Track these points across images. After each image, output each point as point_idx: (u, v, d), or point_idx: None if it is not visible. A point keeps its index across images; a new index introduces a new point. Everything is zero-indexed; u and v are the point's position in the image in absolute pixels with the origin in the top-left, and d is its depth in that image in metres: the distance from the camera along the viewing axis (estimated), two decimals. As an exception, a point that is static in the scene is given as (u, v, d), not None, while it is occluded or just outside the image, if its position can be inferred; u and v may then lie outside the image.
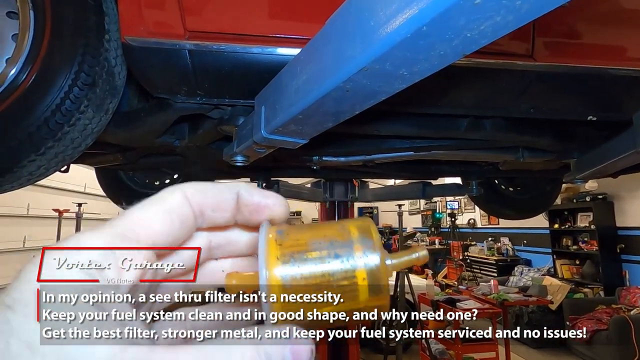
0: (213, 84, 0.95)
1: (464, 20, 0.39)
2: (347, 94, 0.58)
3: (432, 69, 0.50)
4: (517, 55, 1.01)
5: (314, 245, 0.24)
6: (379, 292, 0.24)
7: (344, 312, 0.24)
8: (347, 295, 0.24)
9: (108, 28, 0.89)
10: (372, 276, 0.24)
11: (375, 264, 0.24)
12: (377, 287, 0.24)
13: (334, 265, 0.24)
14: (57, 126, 0.84)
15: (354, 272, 0.24)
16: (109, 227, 0.23)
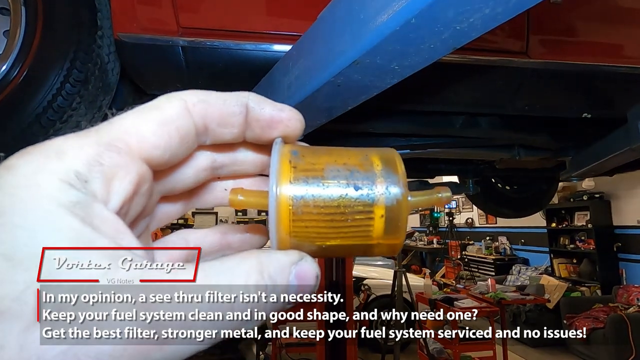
0: (207, 80, 0.95)
1: (452, 13, 0.39)
2: (338, 88, 0.58)
3: (423, 62, 0.50)
4: (512, 53, 1.01)
5: (331, 173, 0.22)
6: (396, 231, 0.23)
7: (355, 246, 0.23)
8: (362, 230, 0.22)
9: (101, 24, 0.88)
10: (391, 213, 0.22)
11: (396, 200, 0.22)
12: (394, 226, 0.23)
13: (352, 196, 0.22)
14: (49, 123, 0.83)
15: (372, 207, 0.22)
16: (94, 134, 0.19)
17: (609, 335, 3.65)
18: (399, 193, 0.22)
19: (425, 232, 8.86)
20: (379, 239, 0.23)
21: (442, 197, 0.25)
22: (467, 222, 7.83)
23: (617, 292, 4.23)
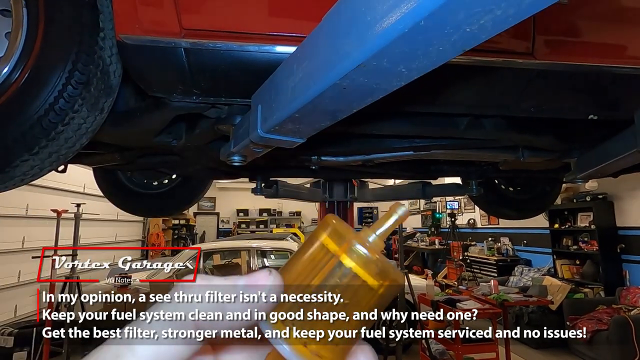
0: (209, 82, 0.94)
1: (463, 14, 0.38)
2: (344, 91, 0.57)
3: (431, 65, 0.49)
4: (517, 53, 0.99)
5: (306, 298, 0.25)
6: (380, 271, 0.24)
7: (367, 309, 0.25)
8: (355, 294, 0.24)
9: (103, 26, 0.88)
10: (361, 264, 0.24)
11: (357, 255, 0.25)
12: (373, 268, 0.24)
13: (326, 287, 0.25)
14: (51, 125, 0.82)
15: (347, 276, 0.24)
16: None
17: (612, 337, 3.63)
18: (353, 248, 0.24)
19: (427, 233, 8.84)
20: (377, 287, 0.24)
21: (399, 216, 0.27)
22: (469, 222, 7.80)
23: (620, 293, 4.20)
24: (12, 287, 4.58)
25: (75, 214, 3.97)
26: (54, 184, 4.97)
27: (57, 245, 3.96)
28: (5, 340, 3.70)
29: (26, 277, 4.70)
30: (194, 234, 9.75)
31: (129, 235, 7.78)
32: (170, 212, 2.47)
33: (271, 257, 4.95)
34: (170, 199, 2.28)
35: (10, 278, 4.58)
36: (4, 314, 4.42)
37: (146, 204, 2.27)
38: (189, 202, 2.40)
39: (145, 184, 2.23)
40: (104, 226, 6.46)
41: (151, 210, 2.39)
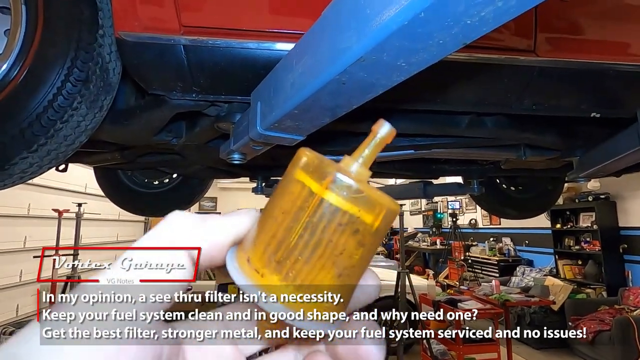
0: (209, 80, 0.94)
1: (463, 6, 0.37)
2: (343, 87, 0.56)
3: (431, 59, 0.48)
4: (519, 51, 0.99)
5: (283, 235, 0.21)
6: (371, 202, 0.21)
7: (362, 243, 0.21)
8: (349, 228, 0.21)
9: (102, 23, 0.87)
10: (348, 198, 0.21)
11: (341, 188, 0.21)
12: (362, 201, 0.21)
13: (315, 226, 0.21)
14: (50, 123, 0.82)
15: (334, 215, 0.20)
16: None
17: (614, 338, 3.61)
18: (334, 178, 0.20)
19: (429, 233, 8.82)
20: (367, 218, 0.21)
21: (383, 135, 0.23)
22: (470, 223, 7.78)
23: (623, 294, 4.18)
24: (14, 287, 4.59)
25: (77, 213, 3.98)
26: (55, 184, 4.98)
27: (58, 245, 3.97)
28: (7, 339, 3.70)
29: (28, 277, 4.71)
30: (195, 234, 9.75)
31: (131, 235, 7.79)
32: (171, 211, 2.47)
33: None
34: (171, 198, 2.28)
35: (12, 278, 4.59)
36: (5, 314, 4.42)
37: (147, 203, 2.27)
38: (190, 202, 2.40)
39: (146, 183, 2.23)
40: (105, 226, 6.47)
41: (152, 210, 2.39)
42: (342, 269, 0.21)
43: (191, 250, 0.23)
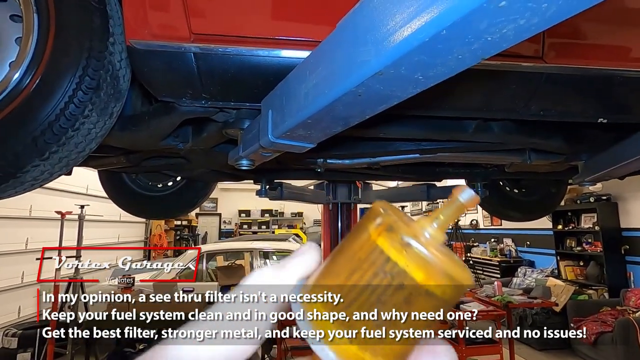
0: (218, 87, 0.94)
1: (486, 24, 0.38)
2: (358, 98, 0.56)
3: (449, 73, 0.48)
4: (527, 57, 0.99)
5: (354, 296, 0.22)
6: (438, 271, 0.20)
7: (409, 301, 0.21)
8: (408, 297, 0.21)
9: (112, 31, 0.88)
10: (416, 263, 0.20)
11: (411, 252, 0.20)
12: (430, 268, 0.20)
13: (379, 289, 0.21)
14: (61, 130, 0.82)
15: (398, 277, 0.21)
16: None
17: (617, 339, 3.61)
18: (402, 241, 0.20)
19: (429, 234, 8.80)
20: (429, 287, 0.20)
21: (465, 201, 0.23)
22: (471, 223, 7.79)
23: (624, 295, 4.18)
24: (16, 288, 4.59)
25: (79, 215, 3.98)
26: (57, 186, 4.98)
27: (61, 246, 3.97)
28: (9, 341, 3.70)
29: (30, 278, 4.72)
30: (196, 235, 9.75)
31: (132, 236, 7.79)
32: (174, 214, 2.47)
33: (273, 258, 4.95)
34: (174, 201, 2.28)
35: (14, 279, 4.59)
36: (7, 315, 4.43)
37: (150, 206, 2.27)
38: (193, 205, 2.40)
39: (149, 186, 2.23)
40: (106, 227, 6.47)
41: (155, 213, 2.39)
42: (381, 321, 0.21)
43: None
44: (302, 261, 0.25)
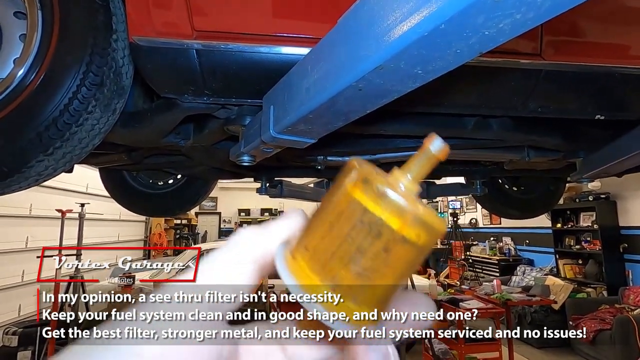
0: (220, 83, 0.95)
1: (483, 18, 0.39)
2: (359, 92, 0.58)
3: (447, 67, 0.49)
4: (525, 54, 1.00)
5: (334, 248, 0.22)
6: (416, 219, 0.21)
7: (387, 249, 0.21)
8: (372, 229, 0.21)
9: (116, 28, 0.89)
10: (395, 213, 0.21)
11: (389, 203, 0.21)
12: (409, 217, 0.20)
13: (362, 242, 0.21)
14: (65, 126, 0.84)
15: (379, 228, 0.21)
16: None
17: (615, 337, 3.63)
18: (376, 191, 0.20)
19: (429, 233, 8.81)
20: (405, 233, 0.21)
21: (436, 151, 0.23)
22: (471, 222, 7.81)
23: (623, 293, 4.20)
24: (16, 287, 4.60)
25: (80, 213, 3.99)
26: (57, 184, 4.98)
27: (61, 245, 3.98)
28: (9, 339, 3.71)
29: (30, 277, 4.72)
30: (196, 234, 9.76)
31: (132, 235, 7.80)
32: (175, 212, 2.48)
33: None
34: (175, 199, 2.29)
35: (14, 278, 4.60)
36: (8, 314, 4.43)
37: (151, 204, 2.28)
38: (194, 202, 2.41)
39: (150, 184, 2.24)
40: (106, 226, 6.47)
41: (156, 210, 2.40)
42: (362, 269, 0.22)
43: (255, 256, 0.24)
44: (285, 224, 0.25)
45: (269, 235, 0.24)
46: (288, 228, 0.25)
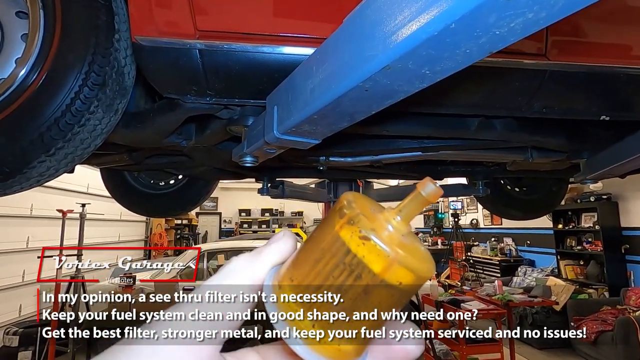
0: (223, 83, 0.94)
1: (494, 17, 0.38)
2: (365, 93, 0.57)
3: (456, 67, 0.49)
4: (530, 54, 0.99)
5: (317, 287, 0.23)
6: (398, 263, 0.21)
7: (367, 291, 0.22)
8: (353, 271, 0.22)
9: (118, 27, 0.88)
10: (370, 251, 0.21)
11: (371, 246, 0.21)
12: (381, 256, 0.21)
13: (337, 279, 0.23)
14: (67, 127, 0.83)
15: (357, 269, 0.22)
16: None
17: (617, 338, 3.62)
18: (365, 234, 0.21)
19: (430, 233, 8.83)
20: (385, 278, 0.21)
21: (427, 194, 0.23)
22: (472, 223, 7.79)
23: (625, 294, 4.19)
24: (17, 287, 4.60)
25: (80, 213, 3.98)
26: (58, 184, 4.98)
27: (62, 245, 3.97)
28: (10, 339, 3.71)
29: (30, 277, 4.72)
30: (197, 234, 9.76)
31: (132, 235, 7.79)
32: (176, 212, 2.48)
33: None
34: (176, 199, 2.29)
35: (15, 278, 4.59)
36: (8, 314, 4.43)
37: (152, 204, 2.27)
38: (195, 203, 2.41)
39: (151, 184, 2.24)
40: (107, 226, 6.47)
41: (157, 210, 2.40)
42: (341, 308, 0.22)
43: None
44: (276, 249, 0.26)
45: (260, 263, 0.25)
46: (279, 253, 0.26)
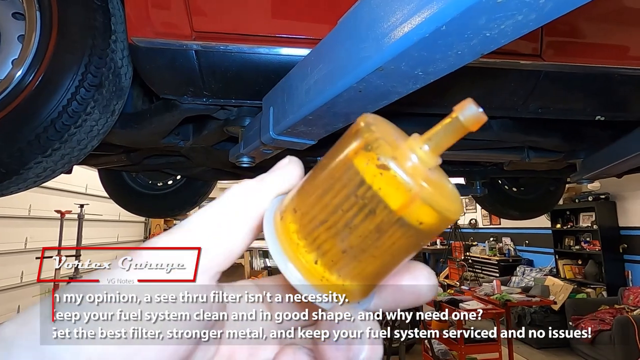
0: (220, 84, 0.94)
1: (484, 19, 0.38)
2: (359, 94, 0.57)
3: (448, 69, 0.49)
4: (526, 55, 1.00)
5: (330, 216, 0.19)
6: (411, 195, 0.17)
7: (380, 230, 0.18)
8: (366, 206, 0.18)
9: (114, 29, 0.88)
10: (388, 183, 0.17)
11: (389, 178, 0.17)
12: (400, 190, 0.17)
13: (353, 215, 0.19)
14: (64, 127, 0.83)
15: (371, 203, 0.18)
16: None
17: (615, 337, 3.63)
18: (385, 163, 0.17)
19: (429, 233, 8.81)
20: (405, 214, 0.18)
21: (464, 120, 0.18)
22: (470, 222, 7.80)
23: (623, 293, 4.20)
24: (15, 288, 4.59)
25: (79, 214, 3.98)
26: (57, 185, 4.97)
27: (60, 246, 3.97)
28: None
29: (29, 278, 4.71)
30: (196, 235, 9.74)
31: (131, 235, 7.78)
32: (174, 213, 2.48)
33: (273, 257, 4.94)
34: (175, 200, 2.29)
35: (13, 279, 4.59)
36: (7, 315, 4.42)
37: (151, 205, 2.27)
38: (194, 203, 2.41)
39: (149, 184, 2.24)
40: (105, 227, 6.46)
41: (156, 211, 2.40)
42: (347, 247, 0.19)
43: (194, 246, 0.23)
44: (280, 177, 0.24)
45: (263, 190, 0.23)
46: (283, 181, 0.24)
